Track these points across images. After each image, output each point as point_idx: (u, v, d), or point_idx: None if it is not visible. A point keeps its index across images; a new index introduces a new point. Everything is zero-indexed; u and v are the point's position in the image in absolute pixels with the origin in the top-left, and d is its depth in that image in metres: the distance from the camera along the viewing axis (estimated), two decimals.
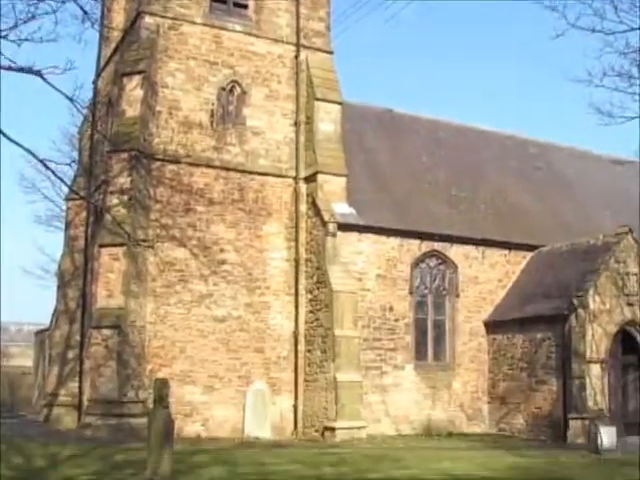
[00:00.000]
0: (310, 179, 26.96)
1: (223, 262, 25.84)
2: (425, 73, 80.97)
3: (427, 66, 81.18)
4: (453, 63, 79.14)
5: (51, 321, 32.18)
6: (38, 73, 16.49)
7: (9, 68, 16.49)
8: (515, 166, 34.37)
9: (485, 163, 33.40)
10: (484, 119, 69.48)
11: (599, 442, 21.29)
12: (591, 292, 25.66)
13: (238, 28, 27.22)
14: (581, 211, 33.47)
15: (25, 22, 17.06)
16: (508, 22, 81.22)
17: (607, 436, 21.49)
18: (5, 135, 13.57)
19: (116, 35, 27.88)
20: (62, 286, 29.31)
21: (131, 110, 24.71)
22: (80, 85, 18.12)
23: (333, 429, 23.95)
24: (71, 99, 17.25)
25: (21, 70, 16.49)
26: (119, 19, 28.68)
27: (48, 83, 16.48)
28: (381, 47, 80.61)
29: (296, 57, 27.88)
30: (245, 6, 27.82)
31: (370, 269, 27.24)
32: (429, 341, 28.50)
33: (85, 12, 18.99)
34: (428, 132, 33.46)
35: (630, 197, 33.94)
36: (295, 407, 26.02)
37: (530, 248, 30.17)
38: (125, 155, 24.19)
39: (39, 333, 43.96)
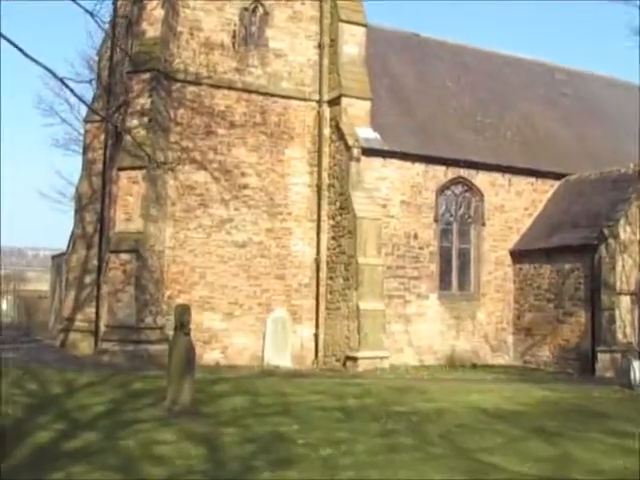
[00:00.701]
0: (334, 102, 25.83)
1: (244, 186, 24.89)
2: None
3: None
4: None
5: (68, 245, 31.37)
6: None
7: None
8: (542, 93, 33.19)
9: (511, 89, 32.20)
10: (511, 46, 67.59)
11: (632, 376, 20.34)
12: (622, 222, 24.58)
13: None
14: (609, 139, 32.21)
15: None
16: None
17: None
18: (22, 51, 12.83)
19: None
20: (79, 210, 28.29)
21: (152, 30, 23.47)
22: None
23: (355, 359, 23.18)
24: (91, 13, 16.33)
25: None
26: None
27: None
28: None
29: None
30: None
31: (394, 195, 26.19)
32: (454, 270, 27.52)
33: None
34: (454, 57, 32.24)
35: None
36: (316, 336, 25.25)
37: (557, 176, 29.01)
38: (146, 76, 23.03)
39: (56, 257, 43.19)
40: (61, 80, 16.40)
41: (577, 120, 32.60)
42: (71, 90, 16.59)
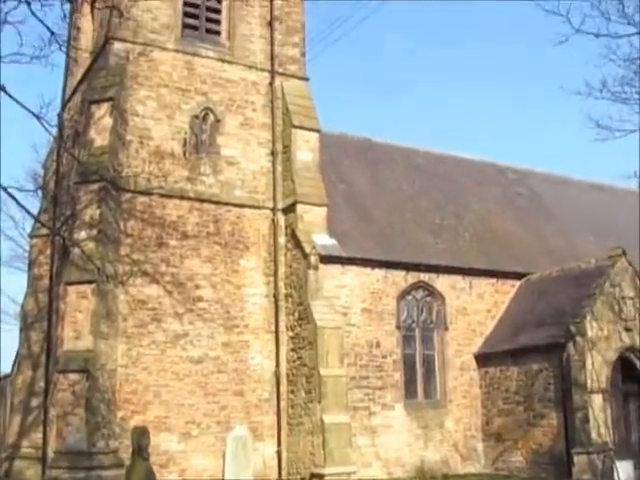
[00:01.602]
0: (289, 210, 24.81)
1: (199, 299, 23.47)
2: (401, 100, 79.00)
3: (402, 93, 79.18)
4: (425, 90, 77.18)
5: (12, 366, 29.50)
6: (1, 88, 14.66)
7: None
8: (496, 193, 32.80)
9: (466, 190, 31.64)
10: (461, 146, 67.95)
11: (616, 478, 19.07)
12: (588, 318, 23.72)
13: (211, 54, 25.21)
14: (566, 237, 31.70)
15: None
16: (482, 43, 79.03)
17: (624, 471, 19.34)
18: None
19: (84, 58, 25.63)
20: (25, 329, 26.62)
21: (100, 139, 22.41)
22: (47, 103, 16.30)
23: (322, 476, 21.47)
24: (37, 116, 15.41)
25: None
26: (86, 44, 26.50)
27: (12, 98, 14.63)
28: (354, 74, 78.97)
29: (271, 84, 25.86)
30: (218, 32, 25.93)
31: (355, 303, 25.03)
32: (419, 378, 26.17)
33: (52, 33, 17.29)
34: (407, 160, 31.71)
35: (612, 222, 32.81)
36: (279, 453, 23.50)
37: (518, 276, 28.23)
38: (94, 186, 21.79)
39: None
40: (5, 189, 15.32)
41: (533, 219, 32.07)
42: (15, 200, 15.48)
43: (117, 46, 23.57)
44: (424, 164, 32.00)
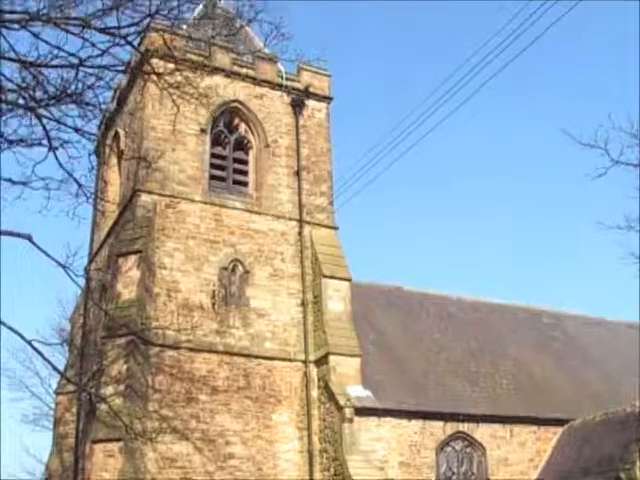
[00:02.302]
0: (321, 362, 23.92)
1: (230, 456, 22.35)
2: (431, 248, 78.31)
3: (433, 240, 78.50)
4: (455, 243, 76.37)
5: None
6: (27, 237, 14.50)
7: None
8: (532, 338, 31.65)
9: (501, 337, 30.64)
10: (493, 291, 66.93)
11: None
12: (638, 463, 22.19)
13: (238, 205, 25.04)
14: (606, 380, 30.34)
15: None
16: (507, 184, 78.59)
17: None
18: None
19: (111, 210, 25.50)
20: None
21: (127, 292, 21.91)
22: (74, 253, 15.91)
23: None
24: (64, 266, 15.05)
25: (9, 234, 14.50)
26: (113, 196, 26.41)
27: (38, 247, 14.39)
28: (383, 222, 78.93)
29: (299, 233, 25.55)
30: (245, 183, 25.86)
31: (392, 456, 23.65)
32: None
33: (79, 185, 17.07)
34: (439, 308, 30.87)
35: None
36: None
37: (560, 422, 26.81)
38: (121, 341, 21.14)
39: None
40: (30, 343, 14.77)
41: (571, 363, 30.88)
42: (41, 354, 14.95)
43: (144, 198, 23.39)
44: (456, 311, 31.20)
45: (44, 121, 16.35)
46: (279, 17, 15.71)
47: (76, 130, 16.50)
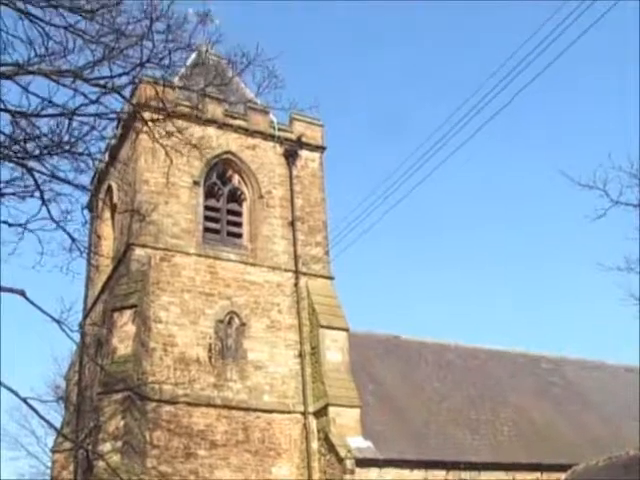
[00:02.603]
0: (320, 413, 23.47)
1: None
2: (427, 295, 77.45)
3: (428, 287, 77.64)
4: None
5: None
6: (21, 293, 14.29)
7: None
8: (531, 383, 31.27)
9: (501, 383, 30.28)
10: (490, 336, 66.25)
11: None
12: None
13: (233, 257, 24.79)
14: (606, 424, 29.88)
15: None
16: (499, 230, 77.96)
17: None
18: None
19: (105, 265, 25.23)
20: None
21: (123, 347, 21.52)
22: (68, 307, 15.63)
23: None
24: (58, 321, 14.78)
25: (2, 290, 14.30)
26: (107, 250, 26.14)
27: (32, 303, 14.15)
28: (379, 271, 78.27)
29: (296, 284, 25.26)
30: (239, 235, 25.65)
31: None
32: None
33: (73, 239, 16.84)
34: (437, 356, 30.51)
35: None
36: None
37: (563, 468, 26.00)
38: (118, 397, 20.65)
39: None
40: (25, 401, 14.40)
41: (571, 407, 30.47)
42: (37, 412, 14.61)
43: (138, 252, 23.14)
44: (455, 359, 30.87)
45: (36, 174, 16.20)
46: (271, 65, 15.56)
47: (68, 183, 16.35)
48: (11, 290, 14.17)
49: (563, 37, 13.64)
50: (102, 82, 14.82)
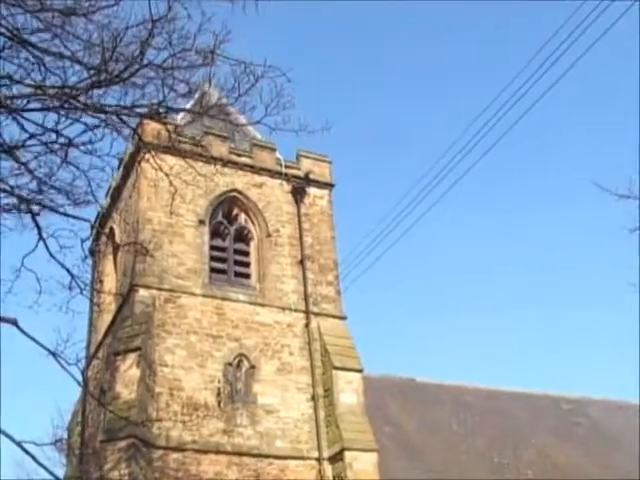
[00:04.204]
0: (336, 458, 21.91)
1: None
2: (444, 335, 75.11)
3: (443, 325, 75.36)
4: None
5: None
6: (13, 322, 13.34)
7: None
8: (554, 424, 29.99)
9: (522, 425, 29.00)
10: (510, 378, 64.35)
11: None
12: None
13: (241, 298, 23.49)
14: (635, 464, 28.27)
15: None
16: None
17: None
18: None
19: (107, 303, 23.98)
20: None
21: (127, 393, 20.09)
22: (65, 339, 14.65)
23: None
24: (54, 353, 14.01)
25: None
26: (110, 288, 24.93)
27: (25, 334, 13.40)
28: (391, 311, 76.28)
29: (307, 325, 23.88)
30: (247, 275, 24.41)
31: None
32: None
33: (72, 276, 15.82)
34: (455, 398, 29.31)
35: None
36: None
37: None
38: (122, 444, 19.15)
39: None
40: (19, 444, 13.34)
41: (597, 449, 29.23)
42: (32, 457, 13.50)
43: (142, 293, 21.90)
44: (473, 401, 29.58)
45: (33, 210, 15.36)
46: (280, 84, 14.50)
47: (67, 216, 15.45)
48: (3, 319, 13.24)
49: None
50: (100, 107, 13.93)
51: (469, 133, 15.46)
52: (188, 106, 20.10)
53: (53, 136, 13.82)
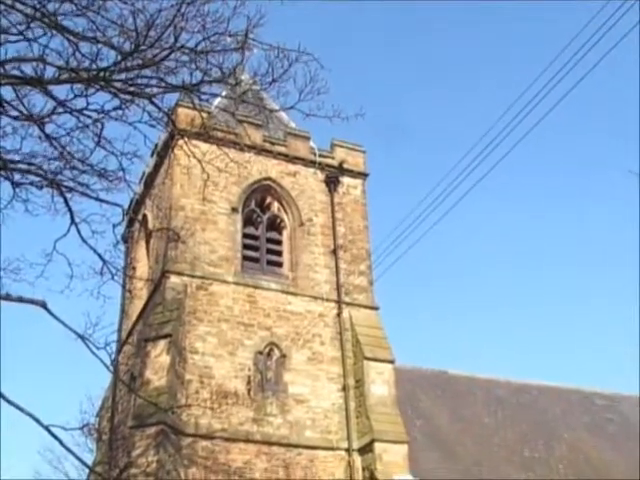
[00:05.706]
0: (365, 449, 21.46)
1: None
2: (479, 326, 73.77)
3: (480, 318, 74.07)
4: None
5: None
6: (42, 304, 13.42)
7: (7, 298, 13.63)
8: (586, 420, 29.45)
9: (554, 420, 28.38)
10: (542, 372, 63.41)
11: None
12: None
13: (273, 286, 23.10)
14: None
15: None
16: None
17: None
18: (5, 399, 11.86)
19: (139, 289, 23.65)
20: None
21: (157, 379, 19.80)
22: (95, 323, 14.42)
23: None
24: (82, 337, 13.81)
25: (21, 300, 13.21)
26: (142, 275, 24.62)
27: (54, 316, 13.21)
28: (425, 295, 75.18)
29: (338, 315, 23.43)
30: (279, 263, 24.02)
31: None
32: None
33: (104, 261, 15.58)
34: (487, 392, 28.73)
35: None
36: None
37: None
38: (151, 431, 18.85)
39: None
40: (47, 428, 13.17)
41: (628, 445, 28.28)
42: (59, 440, 13.33)
43: (174, 280, 21.56)
44: (505, 394, 28.99)
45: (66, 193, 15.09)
46: (313, 70, 14.08)
47: (100, 200, 15.19)
48: (32, 301, 13.03)
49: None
50: (132, 89, 13.64)
51: (499, 126, 14.86)
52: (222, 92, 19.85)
53: (83, 102, 13.48)
